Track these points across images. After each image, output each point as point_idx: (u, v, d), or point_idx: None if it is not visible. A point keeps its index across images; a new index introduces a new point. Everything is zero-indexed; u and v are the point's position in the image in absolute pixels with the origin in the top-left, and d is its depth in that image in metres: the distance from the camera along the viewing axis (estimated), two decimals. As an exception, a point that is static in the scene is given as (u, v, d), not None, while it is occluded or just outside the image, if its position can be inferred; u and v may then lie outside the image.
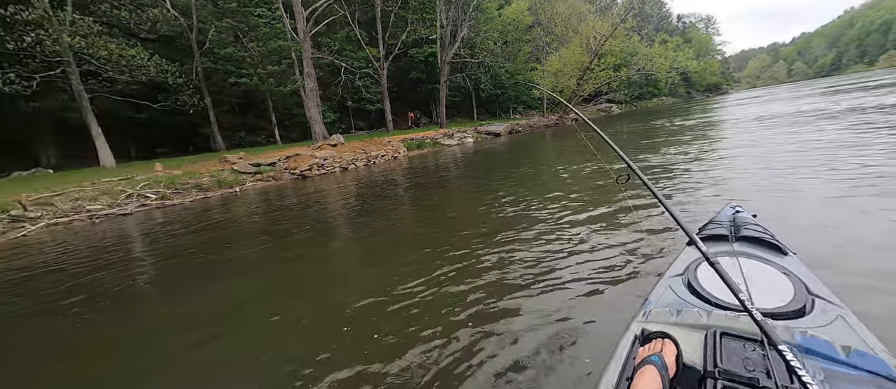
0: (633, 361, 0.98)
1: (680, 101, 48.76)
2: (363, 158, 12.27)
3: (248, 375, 1.93)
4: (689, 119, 15.53)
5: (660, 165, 6.14)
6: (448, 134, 18.03)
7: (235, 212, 6.83)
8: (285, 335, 2.33)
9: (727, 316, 1.07)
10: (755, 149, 6.45)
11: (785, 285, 1.21)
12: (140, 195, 8.06)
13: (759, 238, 1.56)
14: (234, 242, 4.74)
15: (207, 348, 2.28)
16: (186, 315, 2.82)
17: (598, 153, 2.39)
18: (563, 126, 25.47)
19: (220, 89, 19.67)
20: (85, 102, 11.44)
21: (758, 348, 0.93)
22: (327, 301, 2.79)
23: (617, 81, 29.82)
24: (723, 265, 1.13)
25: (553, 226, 3.70)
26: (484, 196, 5.79)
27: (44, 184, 8.89)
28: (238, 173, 9.98)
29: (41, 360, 2.35)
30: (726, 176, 4.88)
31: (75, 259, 4.58)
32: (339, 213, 5.78)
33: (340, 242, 4.40)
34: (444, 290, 2.58)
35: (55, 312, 3.03)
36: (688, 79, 58.83)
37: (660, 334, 1.04)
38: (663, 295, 1.28)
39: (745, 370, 0.87)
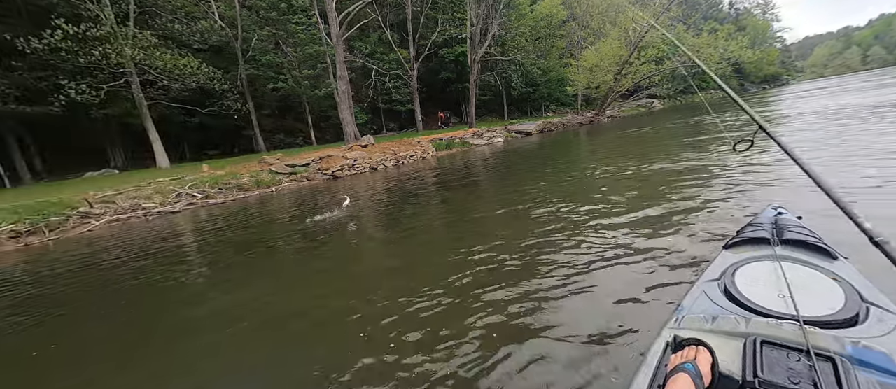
0: (664, 368, 0.94)
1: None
2: (392, 159, 12.43)
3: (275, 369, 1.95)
4: (739, 115, 14.20)
5: (696, 168, 5.61)
6: (477, 133, 17.84)
7: (268, 211, 7.14)
8: (308, 334, 2.36)
9: (768, 323, 1.01)
10: (820, 148, 5.71)
11: (835, 291, 1.13)
12: (188, 194, 8.69)
13: (805, 241, 1.45)
14: (263, 240, 4.93)
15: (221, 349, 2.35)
16: (217, 308, 2.94)
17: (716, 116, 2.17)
18: (600, 123, 24.34)
19: (262, 94, 20.88)
20: (144, 109, 12.57)
21: (803, 358, 0.86)
22: (344, 306, 2.79)
23: (659, 75, 27.96)
24: (764, 270, 1.11)
25: (583, 229, 3.52)
26: (511, 197, 5.61)
27: (109, 184, 9.87)
28: (275, 174, 10.48)
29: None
30: (774, 180, 4.31)
31: (126, 251, 5.00)
32: (363, 215, 5.85)
33: (360, 244, 4.43)
34: (470, 294, 2.51)
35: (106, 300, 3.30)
36: (741, 70, 54.16)
37: (693, 341, 0.99)
38: (698, 301, 1.21)
39: (790, 381, 0.81)
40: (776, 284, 1.18)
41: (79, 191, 8.52)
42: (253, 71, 18.02)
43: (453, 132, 19.20)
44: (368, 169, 11.56)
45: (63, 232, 6.89)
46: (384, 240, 4.36)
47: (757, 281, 1.21)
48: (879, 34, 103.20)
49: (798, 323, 0.94)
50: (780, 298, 1.12)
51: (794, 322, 0.96)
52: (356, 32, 21.81)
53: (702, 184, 4.47)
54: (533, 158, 10.65)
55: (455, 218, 4.88)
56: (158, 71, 12.28)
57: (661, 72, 27.01)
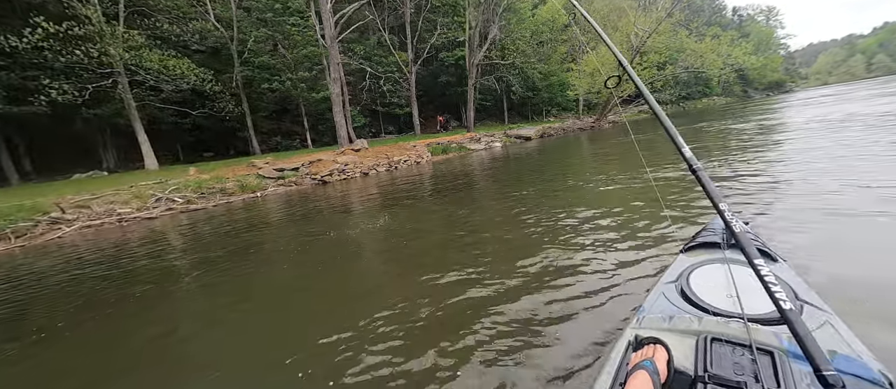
0: (626, 366, 0.99)
1: (734, 101, 44.37)
2: (385, 164, 12.08)
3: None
4: (745, 121, 13.78)
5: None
6: (475, 138, 17.49)
7: (247, 219, 6.78)
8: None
9: (718, 321, 1.08)
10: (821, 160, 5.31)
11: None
12: (168, 199, 8.35)
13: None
14: (227, 257, 4.56)
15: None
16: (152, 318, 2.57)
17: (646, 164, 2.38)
18: (600, 129, 23.97)
19: (259, 95, 20.63)
20: (133, 110, 12.30)
21: (747, 353, 0.94)
22: (302, 325, 2.41)
23: (661, 80, 27.59)
24: (714, 272, 1.27)
25: (575, 239, 3.36)
26: (504, 204, 5.23)
27: (95, 186, 9.56)
28: (262, 178, 10.14)
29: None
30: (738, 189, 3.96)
31: (84, 261, 4.64)
32: (343, 223, 5.48)
33: (322, 258, 4.05)
34: (452, 304, 2.40)
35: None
36: (745, 76, 53.79)
37: (652, 340, 1.05)
38: (657, 302, 1.29)
39: (734, 374, 0.88)
40: (725, 285, 1.26)
41: (60, 194, 8.20)
42: (249, 72, 17.77)
43: (451, 136, 18.87)
44: (359, 174, 11.20)
45: (30, 238, 6.55)
46: (352, 255, 3.98)
47: (709, 283, 1.30)
48: (884, 42, 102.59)
49: (743, 321, 1.03)
50: (728, 298, 1.20)
51: (739, 320, 1.05)
52: (354, 34, 21.57)
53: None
54: (530, 164, 10.27)
55: (440, 227, 4.50)
56: (147, 71, 12.00)
57: (663, 77, 26.63)
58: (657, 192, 4.55)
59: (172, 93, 13.87)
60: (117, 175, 13.64)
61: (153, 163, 12.95)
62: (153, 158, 13.03)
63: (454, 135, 19.13)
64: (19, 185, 12.58)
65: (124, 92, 11.91)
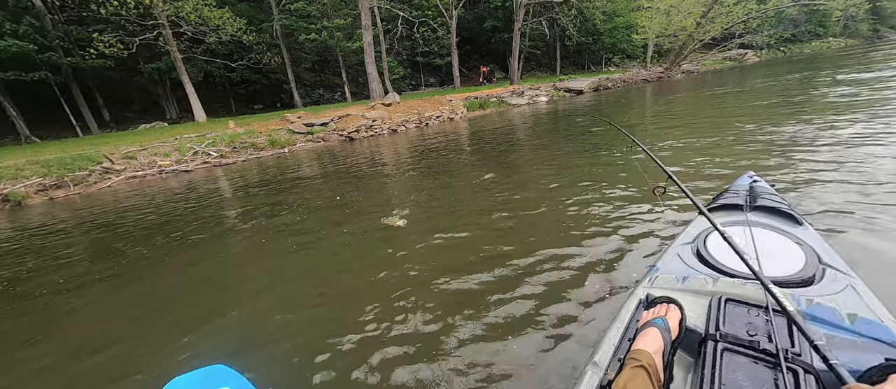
0: (636, 323, 1.01)
1: (857, 45, 34.95)
2: (415, 120, 11.42)
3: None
4: (864, 72, 10.61)
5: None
6: (517, 91, 15.91)
7: (263, 178, 6.73)
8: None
9: (734, 283, 1.09)
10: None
11: (796, 254, 1.22)
12: (204, 153, 8.66)
13: (775, 207, 1.55)
14: (232, 217, 4.44)
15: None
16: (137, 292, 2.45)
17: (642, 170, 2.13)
18: (671, 79, 20.55)
19: (299, 46, 20.52)
20: (178, 63, 12.72)
21: (762, 314, 0.94)
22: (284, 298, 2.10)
23: (758, 19, 22.38)
24: (735, 234, 1.26)
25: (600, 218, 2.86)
26: (533, 174, 4.45)
27: (151, 137, 10.31)
28: (292, 133, 10.12)
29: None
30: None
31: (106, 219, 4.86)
32: (351, 187, 5.10)
33: (317, 227, 3.70)
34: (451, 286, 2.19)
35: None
36: (878, 10, 42.05)
37: (665, 299, 1.05)
38: (670, 263, 1.30)
39: (747, 334, 0.89)
40: (744, 247, 1.21)
41: (118, 144, 8.92)
42: (286, 21, 17.46)
43: (492, 89, 17.39)
44: (387, 131, 10.73)
45: (86, 186, 7.19)
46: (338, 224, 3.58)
47: (727, 245, 1.21)
48: None
49: (760, 283, 0.98)
50: (747, 260, 1.14)
51: (756, 281, 1.01)
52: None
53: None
54: (577, 123, 8.96)
55: (462, 197, 3.92)
56: (187, 22, 12.15)
57: (762, 13, 21.57)
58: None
59: (217, 45, 14.08)
60: (176, 126, 14.72)
61: (202, 116, 13.63)
62: (201, 111, 13.69)
63: (495, 89, 17.61)
64: (97, 135, 14.12)
65: (168, 44, 12.26)
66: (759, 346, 0.85)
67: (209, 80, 20.32)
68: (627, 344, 0.94)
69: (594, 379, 0.87)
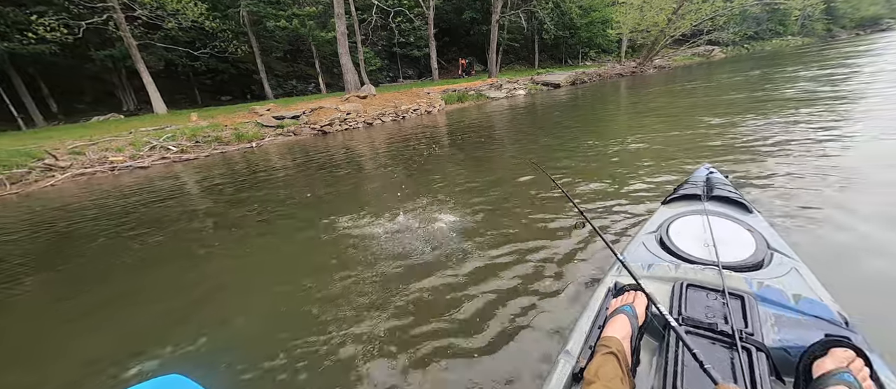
0: (605, 311, 1.04)
1: (813, 43, 37.08)
2: (392, 113, 11.11)
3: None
4: (820, 69, 11.23)
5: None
6: (496, 84, 15.84)
7: (227, 174, 6.32)
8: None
9: (694, 269, 1.15)
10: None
11: (748, 240, 1.31)
12: (162, 147, 8.06)
13: (728, 197, 1.65)
14: (183, 220, 4.10)
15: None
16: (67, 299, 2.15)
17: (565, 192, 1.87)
18: (643, 75, 21.09)
19: (269, 34, 19.53)
20: (133, 49, 11.77)
21: (718, 297, 1.00)
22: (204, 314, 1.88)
23: (724, 16, 23.28)
24: (693, 222, 1.42)
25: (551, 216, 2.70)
26: (507, 169, 4.35)
27: (103, 130, 9.49)
28: (261, 126, 9.60)
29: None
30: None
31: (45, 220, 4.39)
32: (322, 184, 4.85)
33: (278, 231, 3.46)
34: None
35: None
36: (833, 9, 44.87)
37: (632, 287, 1.07)
38: (636, 251, 1.35)
39: (706, 317, 0.94)
40: (702, 235, 1.36)
41: (64, 138, 8.14)
42: (254, 7, 16.55)
43: (470, 82, 17.24)
44: (363, 124, 10.38)
45: (24, 185, 6.51)
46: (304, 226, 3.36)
47: (687, 233, 1.39)
48: None
49: (717, 268, 1.11)
50: (705, 247, 1.29)
51: (714, 267, 1.13)
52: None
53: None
54: (553, 117, 8.97)
55: (424, 194, 3.76)
56: (141, 6, 11.21)
57: (729, 11, 22.43)
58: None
59: (177, 31, 13.13)
60: (133, 118, 13.70)
61: (162, 107, 12.74)
62: (161, 102, 12.78)
63: (474, 82, 17.48)
64: (43, 127, 12.93)
65: (120, 29, 11.28)
66: (717, 328, 0.90)
67: (171, 69, 19.03)
68: (598, 332, 0.96)
69: (567, 368, 0.89)
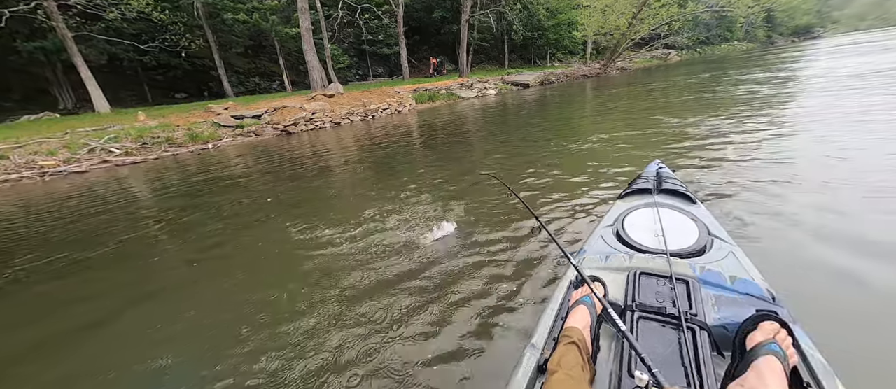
0: (567, 302, 1.10)
1: (756, 48, 40.50)
2: (360, 112, 10.80)
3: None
4: (761, 72, 12.19)
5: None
6: (467, 84, 15.87)
7: (179, 178, 5.85)
8: None
9: (646, 258, 1.24)
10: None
11: (692, 229, 1.42)
12: (103, 149, 7.33)
13: (675, 189, 1.79)
14: (121, 230, 3.71)
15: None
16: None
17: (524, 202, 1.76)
18: (607, 76, 21.97)
19: (230, 28, 18.42)
20: (68, 41, 10.66)
21: (667, 283, 1.08)
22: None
23: (679, 21, 24.74)
24: (645, 214, 1.53)
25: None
26: (479, 172, 4.29)
27: (32, 130, 8.50)
28: (218, 126, 9.00)
29: None
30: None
31: None
32: (284, 188, 4.57)
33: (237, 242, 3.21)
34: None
35: None
36: (772, 18, 49.09)
37: (591, 278, 1.12)
38: (595, 244, 1.43)
39: (656, 302, 1.01)
40: (653, 226, 1.45)
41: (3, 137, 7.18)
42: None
43: (441, 82, 17.17)
44: (330, 124, 10.01)
45: (-68, 194, 5.68)
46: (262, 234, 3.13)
47: (640, 225, 1.48)
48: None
49: (666, 256, 1.19)
50: (655, 237, 1.37)
51: (663, 255, 1.22)
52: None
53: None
54: (524, 116, 9.07)
55: (388, 200, 3.62)
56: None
57: (683, 17, 23.85)
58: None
59: (121, 22, 12.04)
60: (71, 118, 12.40)
61: (104, 105, 11.64)
62: (103, 100, 11.68)
63: (445, 81, 17.42)
64: (-40, 128, 11.41)
65: (51, 18, 10.16)
66: (666, 311, 0.96)
67: (115, 64, 17.44)
68: (560, 323, 1.00)
69: (532, 360, 0.92)
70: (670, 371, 0.83)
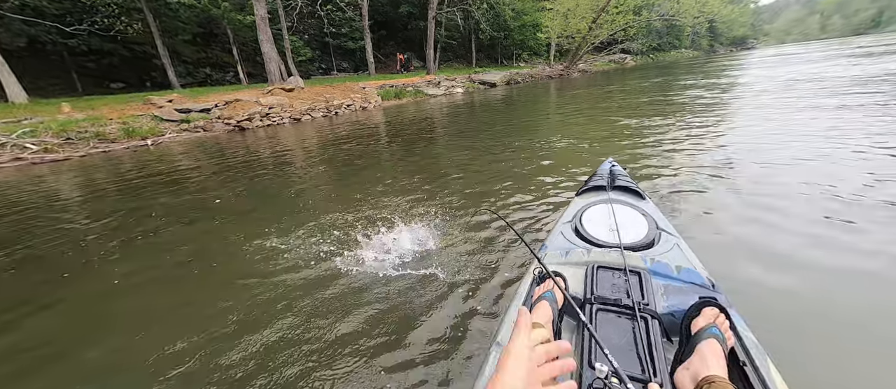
0: (531, 298, 1.11)
1: (700, 56, 44.05)
2: (322, 108, 10.29)
3: None
4: (705, 78, 13.19)
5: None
6: (434, 81, 15.72)
7: (110, 178, 5.20)
8: None
9: (603, 252, 1.29)
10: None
11: (642, 223, 1.50)
12: (15, 145, 6.37)
13: (626, 186, 1.88)
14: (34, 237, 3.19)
15: None
16: None
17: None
18: (570, 77, 22.76)
19: (175, 13, 16.85)
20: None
21: (622, 275, 1.13)
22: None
23: (634, 28, 26.17)
24: (601, 210, 1.62)
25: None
26: (444, 172, 4.16)
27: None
28: (159, 120, 8.16)
29: None
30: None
31: None
32: (229, 192, 4.17)
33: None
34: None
35: None
36: (714, 29, 53.55)
37: (553, 273, 1.14)
38: (555, 240, 1.46)
39: (613, 294, 1.06)
40: (608, 221, 1.52)
41: None
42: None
43: (410, 78, 16.87)
44: (289, 120, 9.43)
45: None
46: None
47: (596, 220, 1.55)
48: (842, 2, 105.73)
49: (620, 250, 1.25)
50: (610, 232, 1.44)
51: (617, 248, 1.27)
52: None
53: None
54: (491, 115, 9.07)
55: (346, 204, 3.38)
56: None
57: (638, 23, 25.22)
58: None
59: (39, 1, 10.57)
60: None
61: (19, 94, 10.16)
62: (18, 88, 10.19)
63: (412, 78, 17.14)
64: None
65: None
66: (621, 302, 1.00)
67: (36, 48, 15.38)
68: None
69: (497, 359, 0.82)
70: (626, 359, 0.86)
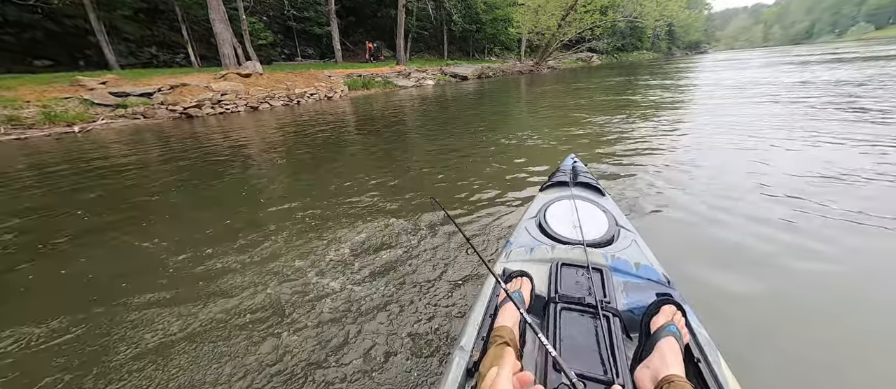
0: (496, 298, 1.07)
1: (660, 58, 46.57)
2: (283, 96, 9.62)
3: None
4: (664, 79, 13.84)
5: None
6: (404, 72, 15.27)
7: (25, 170, 4.48)
8: None
9: (566, 248, 1.27)
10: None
11: (603, 220, 1.51)
12: None
13: (588, 182, 1.88)
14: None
15: None
16: None
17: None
18: (539, 74, 23.08)
19: (113, -16, 15.09)
20: None
21: (585, 272, 1.12)
22: None
23: (601, 27, 26.98)
24: (564, 206, 1.60)
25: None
26: (408, 171, 3.92)
27: None
28: (90, 104, 7.22)
29: None
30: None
31: None
32: (174, 192, 3.70)
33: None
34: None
35: None
36: (672, 33, 56.60)
37: (519, 273, 1.14)
38: (520, 237, 1.44)
39: (576, 292, 1.05)
40: (571, 217, 1.51)
41: None
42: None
43: (379, 68, 16.29)
44: (245, 108, 8.71)
45: None
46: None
47: (560, 216, 1.54)
48: (782, 14, 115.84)
49: (583, 247, 1.24)
50: (573, 228, 1.43)
51: (580, 245, 1.27)
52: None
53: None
54: (464, 108, 8.89)
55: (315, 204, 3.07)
56: None
57: (604, 23, 26.00)
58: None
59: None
60: None
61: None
62: None
63: (381, 67, 16.57)
64: None
65: None
66: (584, 301, 0.99)
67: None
68: (490, 321, 0.99)
69: (462, 364, 0.89)
70: (589, 359, 0.85)
